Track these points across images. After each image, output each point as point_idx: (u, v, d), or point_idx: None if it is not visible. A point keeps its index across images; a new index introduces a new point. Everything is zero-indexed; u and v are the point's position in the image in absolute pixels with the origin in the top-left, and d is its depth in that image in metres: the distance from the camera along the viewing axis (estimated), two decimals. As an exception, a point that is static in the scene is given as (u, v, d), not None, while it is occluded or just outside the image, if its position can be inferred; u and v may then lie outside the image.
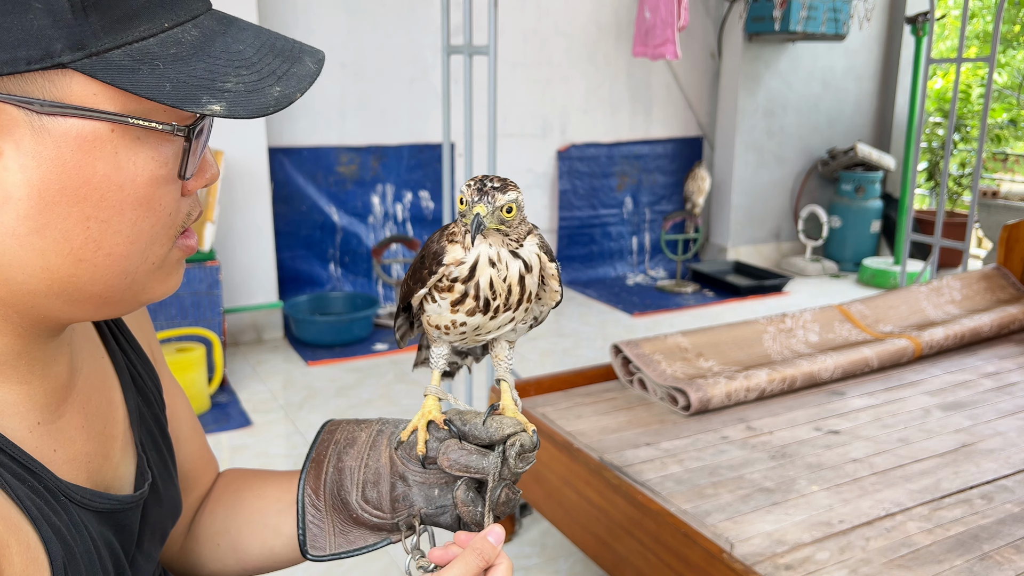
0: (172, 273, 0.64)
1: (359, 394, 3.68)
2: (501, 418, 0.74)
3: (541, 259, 0.73)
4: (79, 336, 0.71)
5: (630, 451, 2.08)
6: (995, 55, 3.83)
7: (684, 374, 2.44)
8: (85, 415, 0.69)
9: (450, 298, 0.71)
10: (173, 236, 0.61)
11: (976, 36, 8.15)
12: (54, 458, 0.64)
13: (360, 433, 0.81)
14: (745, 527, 1.72)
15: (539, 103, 5.45)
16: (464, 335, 0.74)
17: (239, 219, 4.24)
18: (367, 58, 4.75)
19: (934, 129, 6.55)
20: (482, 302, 0.71)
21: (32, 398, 0.63)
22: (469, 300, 0.71)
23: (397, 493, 0.76)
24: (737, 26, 5.74)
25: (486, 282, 0.70)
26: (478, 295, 0.70)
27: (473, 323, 0.72)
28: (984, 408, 2.37)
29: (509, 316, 0.73)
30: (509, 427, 0.72)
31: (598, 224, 5.84)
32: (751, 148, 6.02)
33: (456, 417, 0.75)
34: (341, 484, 0.79)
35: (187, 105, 0.53)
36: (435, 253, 0.72)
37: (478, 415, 0.75)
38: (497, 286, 0.70)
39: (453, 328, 0.73)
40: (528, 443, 0.72)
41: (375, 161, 4.90)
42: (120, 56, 0.52)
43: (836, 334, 2.83)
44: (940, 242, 4.15)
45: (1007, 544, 1.66)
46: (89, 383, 0.70)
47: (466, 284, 0.70)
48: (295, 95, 0.57)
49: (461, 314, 0.72)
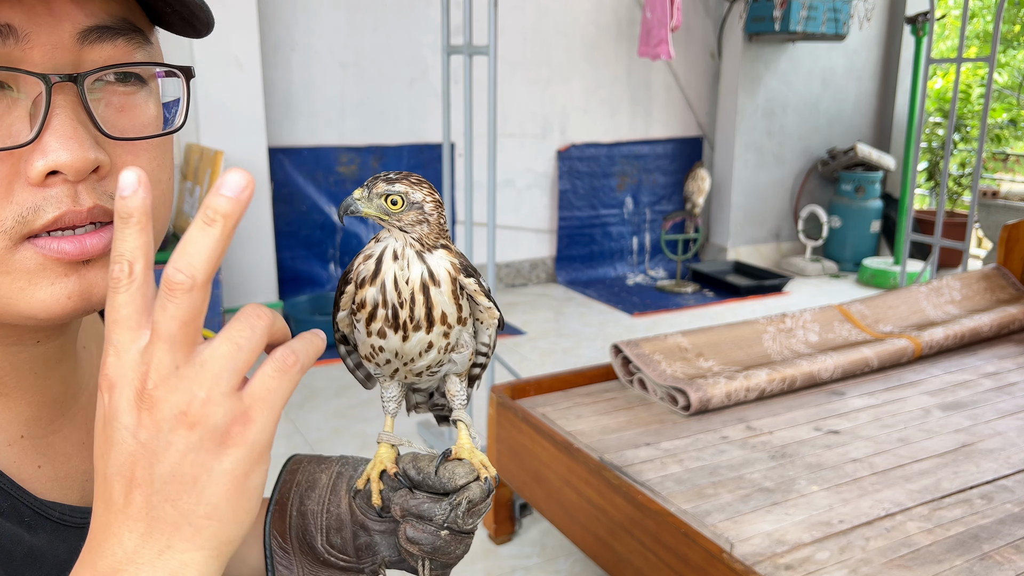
0: (36, 283, 0.51)
1: (359, 394, 3.68)
2: (454, 466, 0.70)
3: (452, 274, 0.69)
4: (92, 354, 0.69)
5: (630, 451, 2.08)
6: (995, 55, 3.83)
7: (684, 374, 2.44)
8: (88, 431, 0.66)
9: (364, 315, 0.68)
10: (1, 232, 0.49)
11: (976, 36, 8.15)
12: (37, 474, 0.60)
13: (320, 475, 0.77)
14: (745, 527, 1.72)
15: (539, 103, 5.45)
16: (390, 364, 0.71)
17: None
18: (367, 58, 4.75)
19: (934, 129, 6.55)
20: (390, 310, 0.67)
21: (13, 411, 0.59)
22: (379, 311, 0.68)
23: (360, 542, 0.74)
24: (737, 26, 5.74)
25: (391, 281, 0.67)
26: (386, 300, 0.67)
27: (390, 346, 0.69)
28: (984, 408, 2.37)
29: (424, 339, 0.69)
30: (461, 477, 0.69)
31: (598, 224, 5.84)
32: (751, 148, 6.02)
33: (410, 464, 0.72)
34: (306, 528, 0.76)
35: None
36: (346, 271, 0.70)
37: (432, 460, 0.71)
38: (401, 287, 0.67)
39: (376, 355, 0.70)
40: (478, 496, 0.69)
41: (375, 161, 4.90)
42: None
43: (836, 334, 2.84)
44: (940, 242, 4.15)
45: (1007, 544, 1.66)
46: (96, 401, 0.67)
47: (373, 283, 0.67)
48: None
49: (375, 336, 0.69)
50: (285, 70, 4.53)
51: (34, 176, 0.49)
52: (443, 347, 0.71)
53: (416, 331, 0.68)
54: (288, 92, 4.57)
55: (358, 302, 0.69)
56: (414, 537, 0.68)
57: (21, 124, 0.49)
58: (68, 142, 0.48)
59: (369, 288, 0.68)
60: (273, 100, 4.50)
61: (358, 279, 0.68)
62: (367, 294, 0.68)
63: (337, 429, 3.34)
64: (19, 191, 0.49)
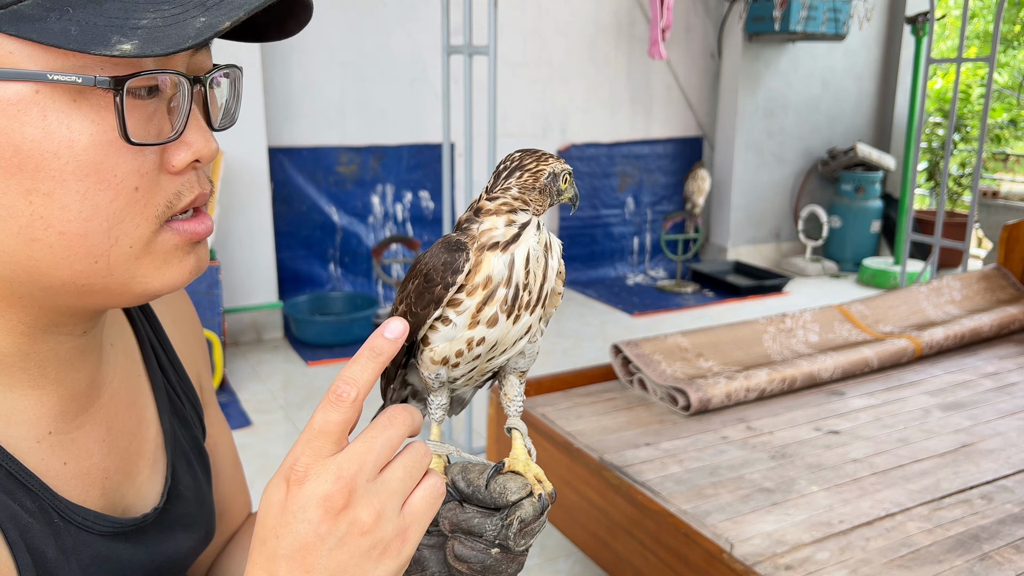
0: (169, 262, 0.57)
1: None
2: (507, 480, 0.64)
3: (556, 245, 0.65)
4: (118, 352, 0.70)
5: (630, 451, 2.08)
6: (995, 55, 3.83)
7: (684, 374, 2.44)
8: (108, 429, 0.67)
9: (477, 301, 0.62)
10: (153, 216, 0.54)
11: (976, 36, 8.15)
12: (63, 471, 0.61)
13: None
14: (745, 527, 1.72)
15: (539, 103, 5.45)
16: (476, 361, 0.65)
17: (239, 219, 4.24)
18: (367, 58, 4.75)
19: (934, 129, 6.55)
20: (513, 290, 0.62)
21: (45, 404, 0.61)
22: (500, 291, 0.61)
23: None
24: (737, 26, 5.74)
25: (523, 257, 0.62)
26: (511, 278, 0.62)
27: (493, 335, 0.63)
28: (984, 408, 2.37)
29: (527, 322, 0.64)
30: (514, 492, 0.63)
31: (599, 224, 5.84)
32: (751, 148, 6.02)
33: (460, 475, 0.66)
34: None
35: (93, 47, 0.47)
36: (446, 264, 0.62)
37: (483, 472, 0.66)
38: (532, 265, 0.62)
39: (467, 351, 0.64)
40: (530, 515, 0.63)
41: (375, 161, 4.90)
42: (30, 6, 0.47)
43: (836, 334, 2.83)
44: (940, 242, 4.15)
45: (1007, 544, 1.66)
46: (118, 398, 0.68)
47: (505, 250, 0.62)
48: (221, 23, 0.49)
49: (482, 326, 0.62)
50: (285, 70, 4.53)
51: (180, 165, 0.55)
52: (536, 332, 0.66)
53: (529, 311, 0.63)
54: (288, 92, 4.57)
55: (480, 280, 0.62)
56: (462, 554, 0.64)
57: (164, 121, 0.54)
58: (204, 135, 0.56)
59: (496, 256, 0.61)
60: (273, 100, 4.50)
61: (488, 243, 0.62)
62: (493, 265, 0.61)
63: (337, 429, 3.34)
64: (164, 180, 0.55)
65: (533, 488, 0.65)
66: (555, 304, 0.68)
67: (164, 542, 0.70)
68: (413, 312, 0.64)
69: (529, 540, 0.64)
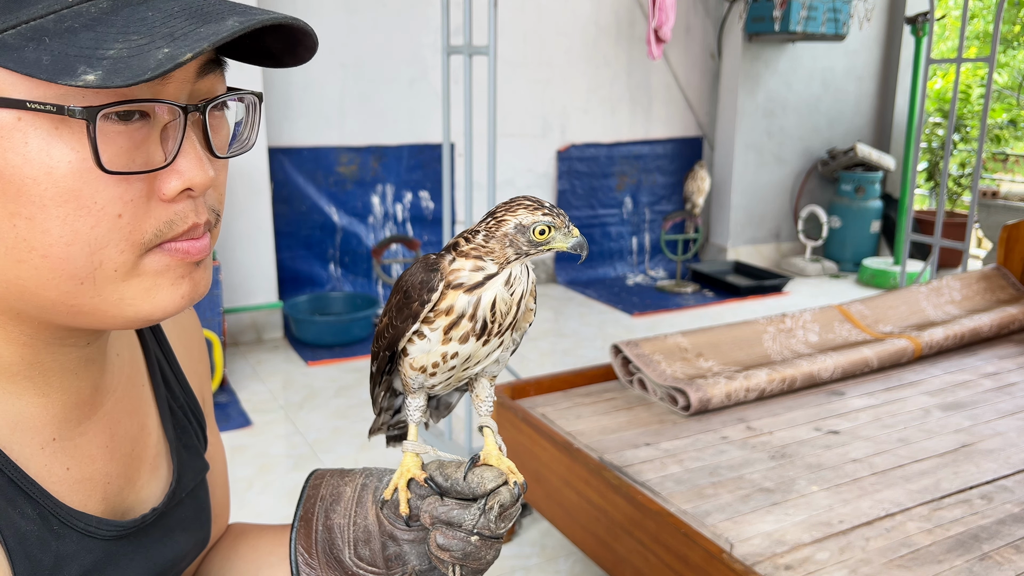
0: (159, 284, 0.57)
1: (359, 394, 3.68)
2: (483, 471, 0.70)
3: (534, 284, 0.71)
4: (124, 361, 0.71)
5: (630, 451, 2.08)
6: (995, 55, 3.83)
7: (684, 374, 2.44)
8: (111, 435, 0.68)
9: (444, 323, 0.67)
10: (139, 243, 0.55)
11: (976, 36, 8.16)
12: (65, 477, 0.62)
13: (345, 488, 0.78)
14: (745, 527, 1.72)
15: (539, 103, 5.45)
16: (452, 371, 0.71)
17: (239, 219, 4.24)
18: (367, 58, 4.75)
19: (934, 129, 6.55)
20: (479, 324, 0.67)
21: (49, 411, 0.62)
22: (464, 322, 0.67)
23: (389, 552, 0.74)
24: (737, 26, 5.74)
25: (488, 302, 0.67)
26: (475, 315, 0.67)
27: (465, 351, 0.69)
28: (984, 408, 2.37)
29: (498, 341, 0.70)
30: (491, 481, 0.69)
31: (598, 224, 5.84)
32: (751, 148, 6.02)
33: (437, 471, 0.72)
34: (332, 543, 0.76)
35: (61, 77, 0.47)
36: (422, 282, 0.67)
37: (460, 467, 0.72)
38: (499, 306, 0.67)
39: (442, 364, 0.70)
40: (508, 500, 0.69)
41: (375, 161, 4.90)
42: (12, 36, 0.49)
43: (836, 334, 2.84)
44: (940, 242, 4.15)
45: (1007, 544, 1.66)
46: (121, 406, 0.70)
47: (470, 292, 0.67)
48: (183, 54, 0.48)
49: (454, 343, 0.68)
50: (285, 70, 4.52)
51: (170, 194, 0.55)
52: (508, 346, 0.71)
53: (498, 336, 0.69)
54: (288, 92, 4.57)
55: (444, 308, 0.67)
56: (444, 544, 0.69)
57: (155, 148, 0.54)
58: (198, 163, 0.55)
59: (461, 295, 0.67)
60: (273, 100, 4.50)
61: (455, 282, 0.67)
62: (457, 301, 0.67)
63: (337, 429, 3.34)
64: (155, 207, 0.55)
65: (508, 477, 0.71)
66: (528, 320, 0.72)
67: (163, 544, 0.71)
68: (394, 325, 0.70)
69: (507, 524, 0.70)
